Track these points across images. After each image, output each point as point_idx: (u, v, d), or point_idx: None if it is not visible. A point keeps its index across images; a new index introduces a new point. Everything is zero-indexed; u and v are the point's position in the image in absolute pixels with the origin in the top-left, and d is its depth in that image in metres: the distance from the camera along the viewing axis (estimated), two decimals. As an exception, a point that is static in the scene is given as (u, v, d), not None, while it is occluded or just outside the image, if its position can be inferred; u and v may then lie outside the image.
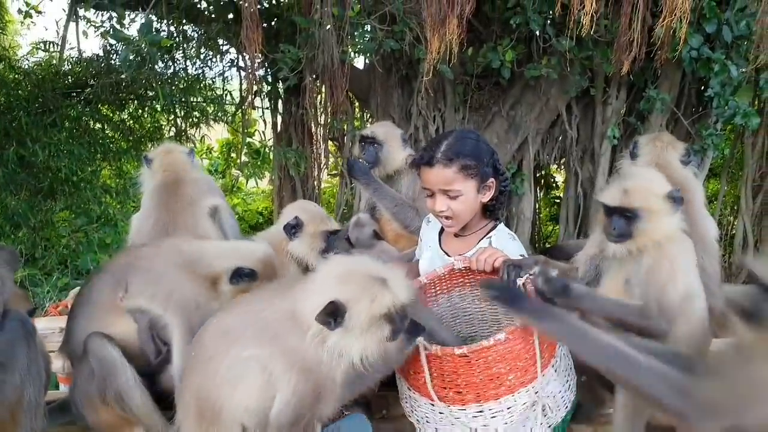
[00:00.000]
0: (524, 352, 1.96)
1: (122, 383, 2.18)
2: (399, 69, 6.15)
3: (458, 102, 6.08)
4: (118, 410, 2.21)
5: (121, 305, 2.26)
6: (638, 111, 5.84)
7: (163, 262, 2.31)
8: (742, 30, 5.05)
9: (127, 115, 7.95)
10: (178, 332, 2.23)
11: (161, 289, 2.23)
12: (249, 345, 1.91)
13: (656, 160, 2.96)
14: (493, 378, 1.93)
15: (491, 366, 1.92)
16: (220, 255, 2.34)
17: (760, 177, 6.48)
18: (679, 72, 5.62)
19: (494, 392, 1.94)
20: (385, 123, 3.61)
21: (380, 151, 3.25)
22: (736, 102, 5.28)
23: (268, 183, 8.58)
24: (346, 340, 1.82)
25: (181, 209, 2.88)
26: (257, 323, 1.97)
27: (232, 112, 7.49)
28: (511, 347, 1.92)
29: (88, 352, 2.19)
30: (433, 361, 1.96)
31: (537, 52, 5.60)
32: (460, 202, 2.50)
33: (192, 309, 2.21)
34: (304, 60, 5.24)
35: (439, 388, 1.98)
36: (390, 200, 3.21)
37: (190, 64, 7.33)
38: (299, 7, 5.95)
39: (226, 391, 1.91)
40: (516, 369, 1.95)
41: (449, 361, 1.93)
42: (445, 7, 3.58)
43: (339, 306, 1.79)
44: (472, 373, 1.92)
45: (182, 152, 3.13)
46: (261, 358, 1.89)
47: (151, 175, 3.03)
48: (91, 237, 6.94)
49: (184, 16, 6.74)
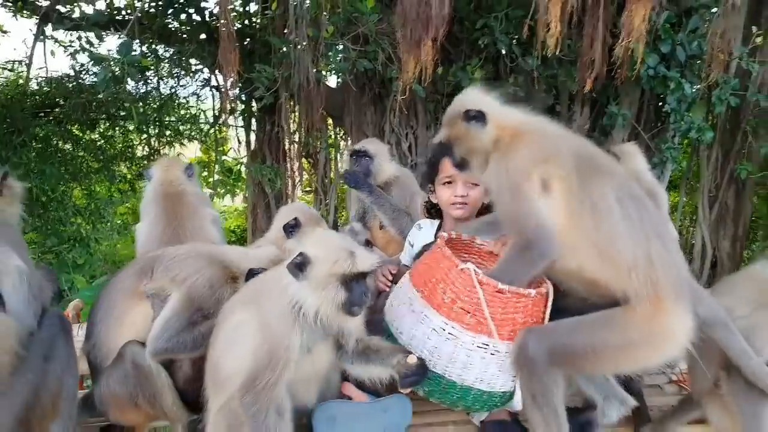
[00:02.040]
0: (537, 313, 2.18)
1: (158, 388, 2.30)
2: (372, 87, 6.32)
3: (430, 120, 6.26)
4: (148, 410, 2.33)
5: (144, 289, 2.37)
6: (601, 126, 6.10)
7: (186, 253, 2.46)
8: (695, 50, 5.37)
9: (97, 134, 7.91)
10: (173, 299, 2.34)
11: (182, 273, 2.36)
12: (239, 311, 2.11)
13: (632, 167, 3.16)
14: (509, 321, 2.12)
15: (516, 311, 2.13)
16: (238, 257, 2.49)
17: (715, 188, 6.81)
18: (638, 89, 5.91)
19: (509, 333, 2.13)
20: (373, 140, 3.82)
21: (371, 164, 3.48)
22: (691, 117, 5.59)
23: (242, 201, 8.60)
24: (304, 291, 2.00)
25: (187, 217, 3.03)
26: (250, 291, 2.19)
27: (206, 130, 7.53)
28: (534, 303, 2.15)
29: (124, 359, 2.29)
30: (483, 286, 2.09)
31: (504, 71, 5.83)
32: (477, 191, 2.86)
33: (205, 290, 2.34)
34: (279, 79, 5.35)
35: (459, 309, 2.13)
36: (388, 207, 3.44)
37: (163, 84, 7.36)
38: (273, 28, 6.09)
39: (223, 357, 2.10)
40: (526, 324, 2.15)
41: (487, 290, 2.08)
42: (421, 30, 3.74)
43: (306, 258, 1.99)
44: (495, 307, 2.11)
45: (182, 167, 3.24)
46: (244, 321, 2.07)
47: (153, 188, 3.16)
48: (65, 257, 6.86)
49: (157, 36, 6.80)
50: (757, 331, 2.29)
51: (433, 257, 2.27)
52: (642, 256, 2.04)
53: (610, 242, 2.05)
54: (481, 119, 2.28)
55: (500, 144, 2.26)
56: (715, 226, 6.94)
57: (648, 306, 2.03)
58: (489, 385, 2.16)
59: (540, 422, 2.08)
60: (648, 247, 2.06)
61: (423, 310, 2.18)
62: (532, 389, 2.08)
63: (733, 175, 6.61)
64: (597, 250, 2.06)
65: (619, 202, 2.09)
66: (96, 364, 2.38)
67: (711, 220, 6.89)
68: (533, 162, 2.15)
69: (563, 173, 2.12)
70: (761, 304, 2.32)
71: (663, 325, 2.04)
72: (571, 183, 2.10)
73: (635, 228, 2.08)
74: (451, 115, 2.40)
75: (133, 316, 2.36)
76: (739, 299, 2.38)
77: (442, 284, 2.15)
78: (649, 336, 2.05)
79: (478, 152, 2.31)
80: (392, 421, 2.27)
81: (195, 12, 6.62)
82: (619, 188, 2.14)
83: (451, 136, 2.38)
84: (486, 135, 2.28)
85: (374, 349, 2.20)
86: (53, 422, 2.12)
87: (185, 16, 6.69)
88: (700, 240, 6.86)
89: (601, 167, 2.20)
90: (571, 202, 2.10)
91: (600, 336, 2.08)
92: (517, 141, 2.22)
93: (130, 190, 8.27)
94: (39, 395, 2.05)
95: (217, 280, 2.37)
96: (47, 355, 2.09)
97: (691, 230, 7.52)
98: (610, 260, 2.05)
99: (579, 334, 2.10)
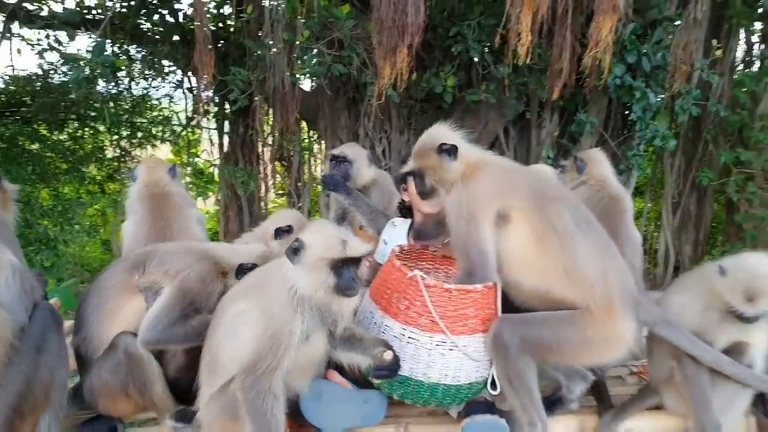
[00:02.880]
0: (489, 305, 2.36)
1: (149, 377, 2.36)
2: (346, 92, 6.38)
3: (403, 125, 6.35)
4: (138, 399, 2.37)
5: (137, 284, 2.43)
6: (570, 133, 6.28)
7: (178, 248, 2.55)
8: (659, 61, 5.58)
9: (66, 135, 7.76)
10: (167, 291, 2.40)
11: (174, 267, 2.43)
12: (241, 300, 2.22)
13: (598, 172, 3.30)
14: (461, 317, 2.31)
15: (466, 306, 2.31)
16: (228, 253, 2.57)
17: (678, 194, 7.05)
18: (605, 98, 6.10)
19: (461, 328, 2.32)
20: (352, 144, 3.89)
21: (350, 169, 3.53)
22: (656, 126, 5.79)
23: (215, 203, 8.56)
24: (298, 273, 2.13)
25: (174, 217, 3.11)
26: (250, 283, 2.31)
27: (178, 132, 7.47)
28: (483, 296, 2.33)
29: (117, 348, 2.34)
30: (430, 289, 2.29)
31: (477, 79, 5.95)
32: None
33: (197, 284, 2.42)
34: (254, 82, 5.36)
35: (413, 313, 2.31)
36: (366, 209, 3.52)
37: (135, 85, 7.28)
38: (248, 31, 6.09)
39: (223, 345, 2.19)
40: (478, 317, 2.33)
41: (435, 293, 2.28)
42: (397, 37, 3.82)
43: (301, 243, 2.14)
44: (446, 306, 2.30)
45: (165, 167, 3.32)
46: (246, 310, 2.17)
47: (138, 188, 3.22)
48: (32, 260, 6.71)
49: (129, 36, 6.74)
50: (708, 329, 2.48)
51: (387, 270, 2.49)
52: (600, 273, 2.33)
53: (575, 263, 2.33)
54: (453, 153, 2.50)
55: (464, 176, 2.49)
56: (678, 231, 7.18)
57: (603, 312, 2.31)
58: (454, 379, 2.35)
59: (517, 403, 2.32)
60: (603, 265, 2.35)
61: (383, 320, 2.39)
62: (508, 373, 2.31)
63: (695, 182, 6.85)
64: (565, 272, 2.33)
65: (577, 225, 2.37)
66: (87, 356, 2.43)
67: (674, 225, 7.13)
68: (492, 195, 2.42)
69: (522, 206, 2.39)
70: (710, 303, 2.47)
71: (614, 329, 2.34)
72: (532, 214, 2.38)
73: (592, 247, 2.37)
74: (423, 148, 2.60)
75: (126, 310, 2.42)
76: (692, 298, 2.56)
77: (396, 294, 2.36)
78: (603, 337, 2.34)
79: (446, 182, 2.53)
80: (370, 411, 2.43)
81: (168, 13, 6.57)
82: (574, 211, 2.41)
83: (423, 166, 2.59)
84: (455, 167, 2.51)
85: (358, 337, 2.33)
86: (45, 412, 2.17)
87: (158, 17, 6.65)
88: (664, 244, 7.09)
89: (554, 195, 2.48)
90: (536, 230, 2.36)
91: (564, 332, 2.34)
92: (478, 174, 2.48)
93: (99, 191, 8.14)
94: (31, 386, 2.11)
95: (208, 274, 2.45)
96: (39, 347, 2.14)
97: (656, 235, 7.74)
98: (574, 280, 2.33)
99: (546, 328, 2.34)
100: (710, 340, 2.45)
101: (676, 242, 7.17)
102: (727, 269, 2.40)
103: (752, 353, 2.46)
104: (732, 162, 6.31)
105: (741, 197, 6.56)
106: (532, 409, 2.31)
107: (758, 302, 2.32)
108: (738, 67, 6.93)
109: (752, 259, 2.46)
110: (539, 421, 2.31)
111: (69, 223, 7.81)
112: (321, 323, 2.21)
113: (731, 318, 2.41)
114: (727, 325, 2.44)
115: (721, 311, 2.44)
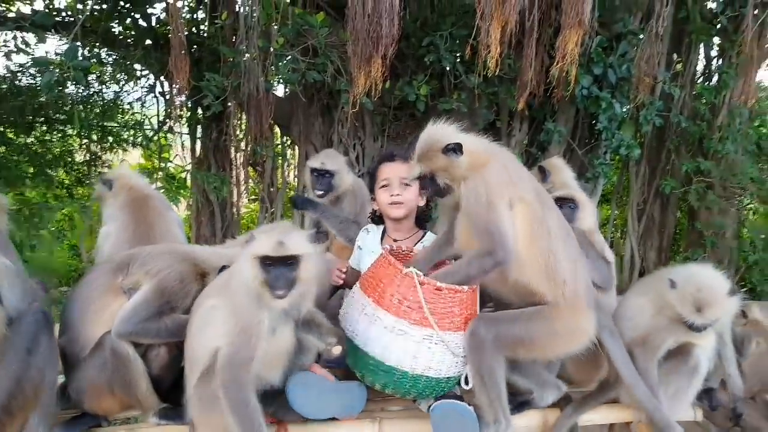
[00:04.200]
0: (472, 306, 2.53)
1: (134, 375, 2.42)
2: (321, 98, 6.42)
3: (377, 131, 6.42)
4: (123, 397, 2.43)
5: (121, 285, 2.50)
6: (539, 142, 6.43)
7: (160, 250, 2.62)
8: (624, 73, 5.76)
9: (33, 138, 7.64)
10: (145, 288, 2.48)
11: (155, 267, 2.50)
12: (213, 298, 2.34)
13: (561, 179, 3.54)
14: (448, 314, 2.46)
15: (454, 305, 2.46)
16: (208, 256, 2.64)
17: (643, 202, 7.27)
18: (573, 108, 6.27)
19: (448, 324, 2.46)
20: (330, 152, 3.97)
21: (332, 180, 3.66)
22: (621, 135, 5.98)
23: (186, 209, 8.50)
24: (245, 265, 2.23)
25: (155, 220, 3.18)
26: (222, 281, 2.41)
27: (150, 136, 7.41)
28: (468, 297, 2.49)
29: (103, 346, 2.40)
30: (424, 286, 2.42)
31: (448, 87, 6.05)
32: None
33: (176, 283, 2.50)
34: (229, 88, 5.37)
35: (406, 308, 2.44)
36: (335, 220, 3.67)
37: (106, 88, 7.20)
38: (222, 37, 6.10)
39: (197, 339, 2.31)
40: (462, 316, 2.48)
41: (428, 290, 2.42)
42: (371, 48, 3.90)
43: (251, 238, 2.32)
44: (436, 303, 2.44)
45: (139, 175, 3.43)
46: (217, 306, 2.29)
47: (114, 195, 3.26)
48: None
49: (101, 40, 6.67)
50: (657, 331, 2.71)
51: (380, 266, 2.58)
52: (571, 272, 2.51)
53: (556, 261, 2.49)
54: (459, 150, 2.53)
55: (474, 167, 2.54)
56: (642, 238, 7.40)
57: (570, 307, 2.49)
58: (437, 372, 2.48)
59: (486, 399, 2.45)
60: (575, 266, 2.54)
61: (375, 312, 2.48)
62: (481, 369, 2.43)
63: (658, 190, 7.07)
64: (546, 267, 2.48)
65: (559, 229, 2.54)
66: (73, 356, 2.47)
67: (639, 231, 7.34)
68: (504, 184, 2.51)
69: (528, 198, 2.51)
70: (662, 307, 2.69)
71: (579, 322, 2.54)
72: (535, 209, 2.51)
73: (568, 248, 2.54)
74: (427, 150, 2.60)
75: (111, 310, 2.47)
76: (647, 301, 2.79)
77: (389, 288, 2.47)
78: (569, 329, 2.52)
79: (457, 178, 2.56)
80: (351, 402, 2.54)
81: (141, 18, 6.53)
82: (558, 217, 2.59)
83: (434, 168, 2.59)
84: (463, 163, 2.54)
85: (317, 323, 2.45)
86: (33, 412, 2.21)
87: (131, 20, 6.60)
88: (629, 250, 7.29)
89: (545, 195, 2.64)
90: (533, 225, 2.49)
91: (534, 326, 2.49)
92: (489, 162, 2.54)
93: (67, 196, 8.02)
94: (22, 385, 2.17)
95: (187, 275, 2.53)
96: (30, 348, 2.20)
97: (621, 241, 7.95)
98: (552, 276, 2.48)
99: (519, 323, 2.50)
100: (661, 339, 2.68)
101: (641, 248, 7.39)
102: (677, 282, 2.60)
103: (697, 352, 2.70)
104: (693, 171, 6.55)
105: (701, 205, 6.81)
106: (499, 407, 2.44)
107: (706, 313, 2.54)
108: (698, 80, 7.19)
109: (699, 272, 2.67)
110: (504, 419, 2.45)
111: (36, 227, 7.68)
112: (285, 316, 2.30)
113: (678, 321, 2.63)
114: (675, 326, 2.66)
115: (670, 316, 2.65)
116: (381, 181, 3.19)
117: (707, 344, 2.73)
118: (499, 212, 2.45)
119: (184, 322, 2.43)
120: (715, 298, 2.54)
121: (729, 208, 6.91)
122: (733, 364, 2.97)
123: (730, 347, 2.97)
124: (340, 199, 3.74)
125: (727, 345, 2.96)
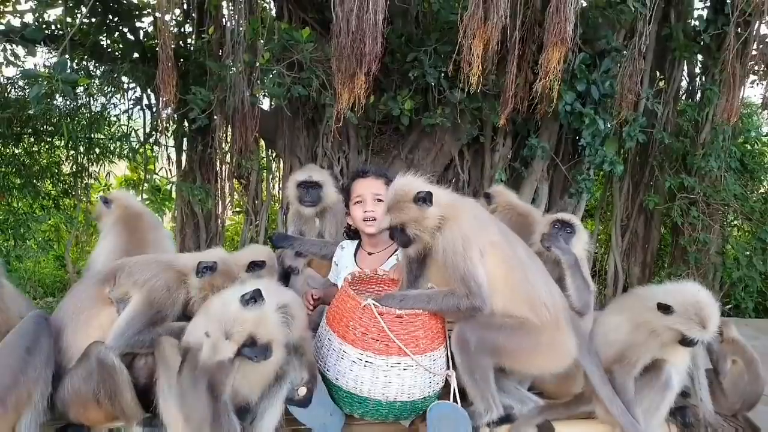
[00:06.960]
0: (436, 325, 2.58)
1: (118, 384, 2.42)
2: (305, 113, 6.46)
3: (361, 145, 6.46)
4: (108, 407, 2.43)
5: (109, 296, 2.56)
6: (522, 157, 6.47)
7: (145, 260, 2.69)
8: (607, 89, 5.83)
9: (21, 150, 7.64)
10: (135, 300, 2.53)
11: (142, 277, 2.56)
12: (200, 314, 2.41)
13: (504, 200, 3.65)
14: (412, 338, 2.49)
15: (417, 328, 2.50)
16: (191, 260, 2.69)
17: (627, 218, 7.33)
18: (556, 124, 6.33)
19: (414, 348, 2.49)
20: (312, 167, 4.08)
21: (321, 191, 3.73)
22: (605, 151, 6.04)
23: (170, 220, 8.50)
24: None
25: (148, 233, 3.35)
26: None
27: (136, 148, 7.42)
28: (430, 317, 2.55)
29: (90, 356, 2.41)
30: (384, 316, 2.46)
31: (432, 103, 6.09)
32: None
33: (163, 291, 2.55)
34: (214, 102, 5.40)
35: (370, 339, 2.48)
36: (314, 247, 3.74)
37: (93, 101, 7.22)
38: (209, 51, 6.14)
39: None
40: (427, 337, 2.53)
41: (388, 318, 2.45)
42: (355, 65, 3.93)
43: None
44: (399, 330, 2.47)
45: (133, 196, 3.66)
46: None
47: (111, 212, 3.47)
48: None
49: (89, 53, 6.70)
50: (634, 347, 2.72)
51: (341, 299, 2.62)
52: (548, 293, 2.60)
53: (533, 289, 2.57)
54: (429, 200, 2.57)
55: (445, 218, 2.58)
56: (626, 253, 7.45)
57: (554, 327, 2.56)
58: (410, 395, 2.51)
59: (477, 393, 2.50)
60: (550, 289, 2.63)
61: (341, 346, 2.52)
62: (471, 368, 2.49)
63: (642, 205, 7.14)
64: (526, 296, 2.55)
65: (527, 257, 2.64)
66: (61, 366, 2.48)
67: (623, 247, 7.40)
68: (476, 233, 2.56)
69: (496, 239, 2.59)
70: (639, 324, 2.72)
71: (562, 341, 2.59)
72: (503, 247, 2.59)
73: (539, 274, 2.64)
74: (398, 201, 2.62)
75: (99, 320, 2.52)
76: (625, 320, 2.81)
77: (352, 321, 2.51)
78: (553, 344, 2.58)
79: (428, 230, 2.58)
80: (330, 424, 2.56)
81: (129, 32, 6.57)
82: (523, 245, 2.69)
83: (404, 219, 2.59)
84: (433, 212, 2.57)
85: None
86: (25, 412, 2.27)
87: (118, 34, 6.64)
88: (613, 266, 7.34)
89: (508, 230, 2.72)
90: (506, 261, 2.57)
91: (517, 337, 2.54)
92: (458, 214, 2.60)
93: (54, 206, 8.01)
94: (17, 382, 2.24)
95: (173, 282, 2.59)
96: (30, 347, 2.28)
97: (605, 257, 8.00)
98: (533, 303, 2.56)
99: (503, 332, 2.54)
100: (638, 356, 2.71)
101: (625, 264, 7.44)
102: (673, 307, 2.59)
103: (668, 368, 2.72)
104: (676, 187, 6.62)
105: (685, 221, 6.87)
106: (490, 397, 2.51)
107: (710, 327, 2.58)
108: (682, 97, 7.28)
109: (689, 290, 2.69)
110: (495, 407, 2.52)
111: (22, 238, 7.67)
112: None
113: (653, 337, 2.67)
114: (650, 343, 2.69)
115: (646, 333, 2.69)
116: (355, 197, 3.25)
117: (679, 361, 2.76)
118: (475, 263, 2.51)
119: (176, 329, 2.49)
120: (714, 311, 2.60)
121: (713, 225, 6.98)
122: (705, 388, 2.98)
123: (702, 372, 3.00)
124: (324, 213, 3.79)
125: (699, 369, 2.98)
